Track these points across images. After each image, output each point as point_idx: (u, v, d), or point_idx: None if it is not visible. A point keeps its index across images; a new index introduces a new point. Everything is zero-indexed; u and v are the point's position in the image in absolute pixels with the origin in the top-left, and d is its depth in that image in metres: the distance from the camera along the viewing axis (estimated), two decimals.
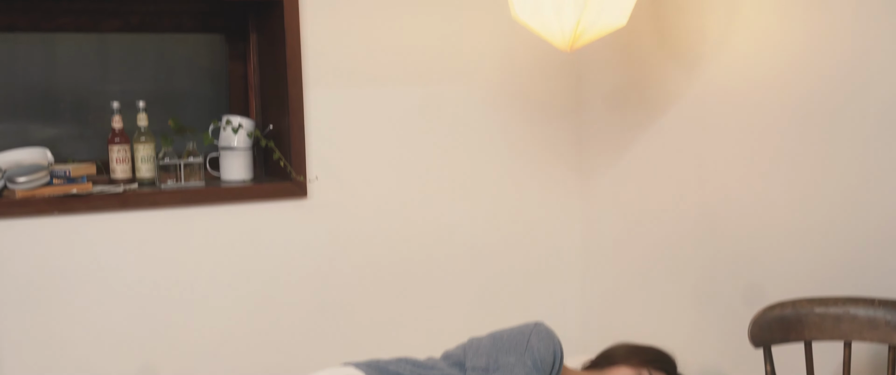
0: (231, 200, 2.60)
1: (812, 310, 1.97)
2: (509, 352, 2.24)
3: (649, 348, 2.55)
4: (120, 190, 2.47)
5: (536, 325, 2.35)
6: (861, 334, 1.92)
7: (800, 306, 1.99)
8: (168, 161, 2.57)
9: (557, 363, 2.30)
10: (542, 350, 2.27)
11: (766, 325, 2.02)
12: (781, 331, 2.01)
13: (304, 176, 2.66)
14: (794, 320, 1.99)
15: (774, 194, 2.36)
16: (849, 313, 1.93)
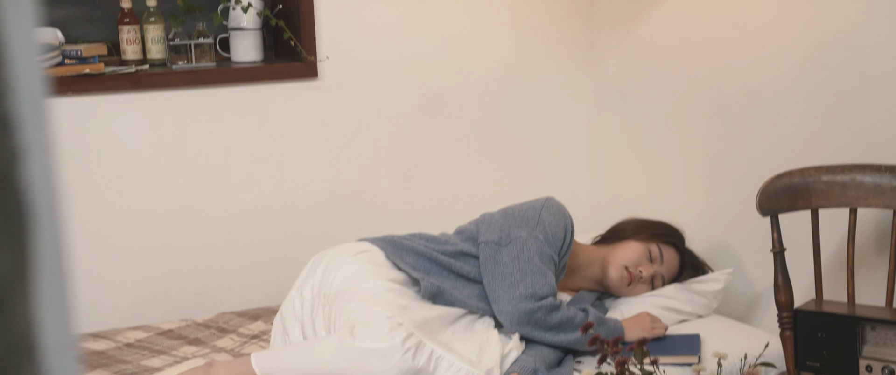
0: (242, 81, 2.63)
1: (819, 178, 2.01)
2: (521, 227, 2.30)
3: (658, 223, 2.60)
4: (132, 70, 2.49)
5: (547, 200, 2.40)
6: (867, 200, 1.96)
7: (807, 174, 2.03)
8: (178, 41, 2.58)
9: (568, 237, 2.36)
10: (553, 224, 2.33)
11: (774, 194, 2.06)
12: (789, 199, 2.05)
13: (314, 56, 2.67)
14: (802, 188, 2.03)
15: (782, 63, 2.38)
16: (855, 180, 1.96)
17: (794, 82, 2.36)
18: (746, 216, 2.41)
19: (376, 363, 1.88)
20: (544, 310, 2.16)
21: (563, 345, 2.20)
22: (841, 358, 1.86)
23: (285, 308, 2.21)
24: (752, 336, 2.32)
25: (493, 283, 2.20)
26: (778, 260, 2.09)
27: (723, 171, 2.64)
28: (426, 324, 2.02)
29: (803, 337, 1.92)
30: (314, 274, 2.19)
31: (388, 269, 2.16)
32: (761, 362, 2.04)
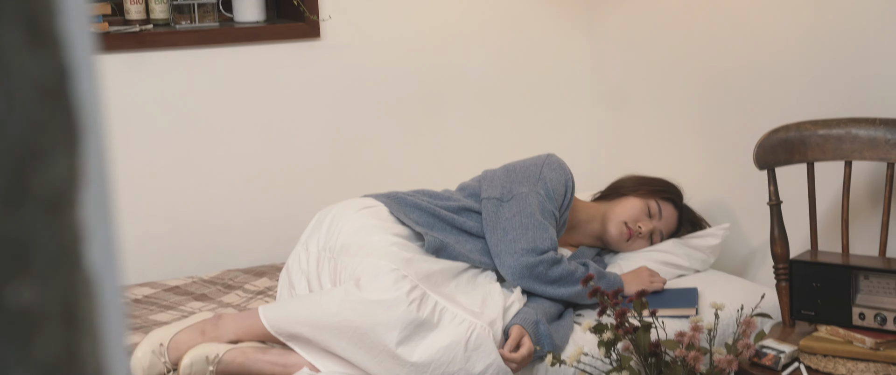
0: (245, 41, 2.65)
1: (815, 132, 2.05)
2: (522, 183, 2.33)
3: (656, 179, 2.63)
4: (136, 29, 2.52)
5: (548, 157, 2.43)
6: (861, 153, 2.00)
7: (803, 128, 2.06)
8: (181, 1, 2.60)
9: (569, 193, 2.40)
10: (554, 180, 2.36)
11: (771, 148, 2.10)
12: (785, 153, 2.09)
13: (317, 15, 2.69)
14: (798, 142, 2.06)
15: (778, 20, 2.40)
16: (850, 133, 2.00)
17: (790, 37, 2.39)
18: (743, 172, 2.44)
19: (382, 314, 1.92)
20: (545, 264, 2.20)
21: (563, 298, 2.24)
22: (835, 307, 1.91)
23: (291, 262, 2.25)
24: (748, 289, 2.36)
25: (495, 238, 2.24)
26: (774, 212, 2.13)
27: (720, 127, 2.67)
28: (430, 277, 2.06)
29: (799, 287, 1.96)
30: (319, 229, 2.23)
31: (393, 224, 2.20)
32: (757, 313, 2.09)
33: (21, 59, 0.37)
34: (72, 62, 0.40)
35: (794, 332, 2.04)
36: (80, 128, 0.40)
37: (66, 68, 0.40)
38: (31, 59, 0.38)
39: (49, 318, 0.40)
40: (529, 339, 2.07)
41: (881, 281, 1.87)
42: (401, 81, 2.88)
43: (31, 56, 0.38)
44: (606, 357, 2.02)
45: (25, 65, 0.38)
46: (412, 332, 1.94)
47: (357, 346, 1.93)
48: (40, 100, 0.38)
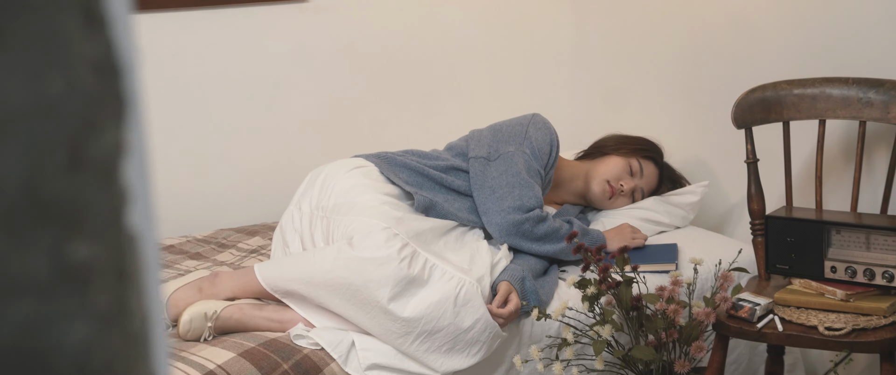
0: (235, 3, 2.66)
1: (790, 91, 2.09)
2: (509, 142, 2.37)
3: (637, 138, 2.66)
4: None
5: (534, 116, 2.47)
6: (835, 111, 2.05)
7: (779, 87, 2.11)
8: None
9: (554, 152, 2.43)
10: (539, 139, 2.40)
11: (748, 107, 2.14)
12: (762, 112, 2.13)
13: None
14: (774, 101, 2.11)
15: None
16: (824, 92, 2.05)
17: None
18: (722, 131, 2.49)
19: (374, 271, 1.97)
20: (531, 222, 2.24)
21: (548, 255, 2.29)
22: (808, 260, 1.97)
23: (284, 221, 2.28)
24: (726, 245, 2.42)
25: (482, 196, 2.28)
26: (751, 170, 2.18)
27: (699, 87, 2.71)
28: (420, 235, 2.10)
29: (774, 242, 2.02)
30: (312, 188, 2.26)
31: (383, 183, 2.24)
32: (734, 267, 2.15)
33: (79, 41, 0.41)
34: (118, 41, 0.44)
35: (770, 285, 2.10)
36: (126, 102, 0.44)
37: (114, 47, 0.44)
38: (86, 42, 0.42)
39: (103, 272, 0.45)
40: (516, 295, 2.11)
41: (852, 236, 1.93)
42: (387, 44, 2.91)
43: (87, 38, 0.42)
44: (590, 311, 2.07)
45: (82, 47, 0.41)
46: (403, 288, 1.98)
47: (350, 302, 1.98)
48: (94, 78, 0.42)
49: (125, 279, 0.46)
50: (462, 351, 2.02)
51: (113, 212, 0.45)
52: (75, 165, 0.43)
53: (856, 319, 1.87)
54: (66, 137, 0.42)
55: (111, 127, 0.44)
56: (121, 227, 0.46)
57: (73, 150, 0.42)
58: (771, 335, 1.90)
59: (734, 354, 2.35)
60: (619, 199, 2.55)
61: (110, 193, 0.45)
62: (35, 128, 0.41)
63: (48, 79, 0.41)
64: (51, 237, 0.42)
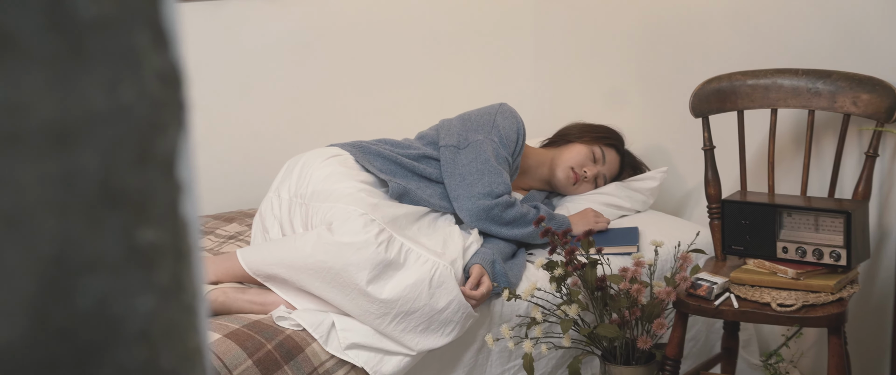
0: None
1: (744, 82, 2.18)
2: (477, 131, 2.42)
3: (600, 126, 2.72)
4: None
5: (501, 106, 2.53)
6: (786, 101, 2.14)
7: (734, 78, 2.19)
8: None
9: (520, 139, 2.49)
10: (506, 128, 2.46)
11: (705, 97, 2.23)
12: (718, 102, 2.22)
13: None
14: (729, 91, 2.20)
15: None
16: (776, 83, 2.14)
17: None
18: (680, 119, 2.57)
19: (352, 255, 2.02)
20: (500, 207, 2.30)
21: (517, 239, 2.35)
22: (761, 242, 2.05)
23: (264, 208, 2.33)
24: (684, 228, 2.50)
25: (453, 183, 2.34)
26: (708, 156, 2.26)
27: (659, 77, 2.78)
28: (395, 221, 2.16)
29: (729, 225, 2.10)
30: (290, 176, 2.30)
31: (358, 171, 2.29)
32: (693, 249, 2.23)
33: (149, 56, 0.48)
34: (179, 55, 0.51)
35: (726, 266, 2.19)
36: (185, 107, 0.51)
37: (176, 60, 0.50)
38: (154, 56, 0.48)
39: (164, 253, 0.51)
40: (488, 277, 2.17)
41: (802, 218, 2.02)
42: (358, 36, 2.94)
43: (155, 53, 0.48)
44: (557, 292, 2.14)
45: (151, 61, 0.48)
46: (381, 272, 2.03)
47: (330, 285, 2.03)
48: (160, 87, 0.49)
49: (181, 259, 0.53)
50: (437, 331, 2.08)
51: (172, 202, 0.52)
52: (143, 161, 0.49)
53: (806, 296, 1.95)
54: (137, 138, 0.48)
55: (172, 128, 0.50)
56: (177, 215, 0.52)
57: (142, 149, 0.49)
58: (727, 312, 1.99)
59: (692, 331, 2.43)
60: (583, 185, 2.62)
61: (170, 185, 0.51)
62: (111, 130, 0.48)
63: (122, 88, 0.47)
64: (123, 223, 0.49)
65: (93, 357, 0.50)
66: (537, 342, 2.13)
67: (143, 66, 0.47)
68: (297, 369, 1.98)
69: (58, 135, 0.46)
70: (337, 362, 2.03)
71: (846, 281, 1.98)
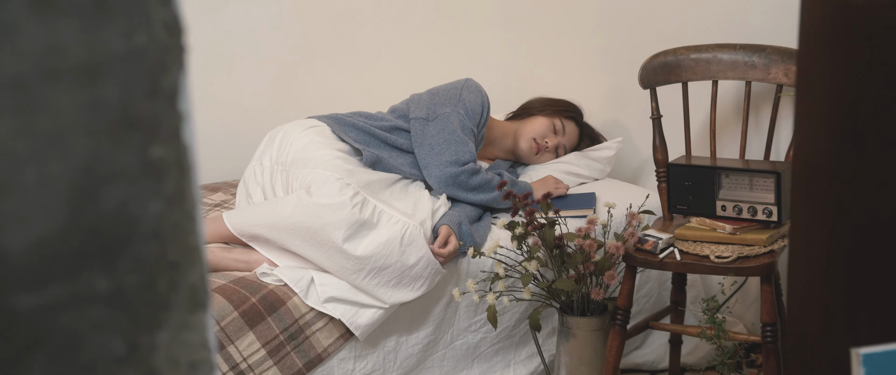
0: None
1: (688, 56, 2.31)
2: (445, 104, 2.53)
3: (560, 100, 2.83)
4: None
5: (467, 81, 2.63)
6: (725, 73, 2.27)
7: (679, 53, 2.32)
8: None
9: (485, 112, 2.60)
10: (471, 101, 2.56)
11: (652, 70, 2.35)
12: (664, 74, 2.34)
13: None
14: (674, 65, 2.32)
15: None
16: (716, 57, 2.27)
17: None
18: (633, 93, 2.68)
19: (330, 215, 2.13)
20: (466, 174, 2.41)
21: (482, 204, 2.46)
22: (702, 201, 2.18)
23: (247, 175, 2.43)
24: (637, 193, 2.61)
25: (422, 152, 2.44)
26: (656, 125, 2.39)
27: (614, 55, 2.90)
28: (369, 185, 2.27)
29: (674, 186, 2.23)
30: (271, 146, 2.41)
31: (335, 141, 2.39)
32: (643, 210, 2.36)
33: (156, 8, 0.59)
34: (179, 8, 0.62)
35: (672, 224, 2.32)
36: (185, 51, 0.63)
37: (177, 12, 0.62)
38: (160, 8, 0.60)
39: (170, 168, 0.63)
40: (455, 237, 2.29)
41: (739, 179, 2.15)
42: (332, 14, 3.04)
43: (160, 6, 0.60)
44: (518, 249, 2.26)
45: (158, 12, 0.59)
46: (356, 231, 2.14)
47: (309, 243, 2.14)
48: (166, 34, 0.60)
49: (183, 173, 0.64)
50: (407, 286, 2.20)
51: (175, 127, 0.63)
52: (154, 94, 0.61)
53: (741, 249, 2.09)
54: (148, 74, 0.60)
55: (175, 68, 0.62)
56: (180, 138, 0.64)
57: (153, 84, 0.60)
58: (671, 263, 2.12)
59: (645, 288, 2.56)
60: (545, 155, 2.73)
61: (174, 114, 0.63)
62: (128, 68, 0.59)
63: (137, 34, 0.59)
64: (138, 142, 0.60)
65: (115, 249, 0.61)
66: (500, 295, 2.25)
67: (152, 17, 0.59)
68: (279, 320, 2.09)
69: (87, 71, 0.58)
70: (316, 314, 2.14)
71: (777, 235, 2.12)
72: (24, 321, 0.59)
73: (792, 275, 1.10)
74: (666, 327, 2.28)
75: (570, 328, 2.26)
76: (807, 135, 1.06)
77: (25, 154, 0.57)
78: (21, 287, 0.59)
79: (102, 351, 0.62)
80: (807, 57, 1.04)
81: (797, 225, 1.08)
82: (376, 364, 2.24)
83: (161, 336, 0.65)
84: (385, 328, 2.25)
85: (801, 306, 1.11)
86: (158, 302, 0.64)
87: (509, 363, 2.45)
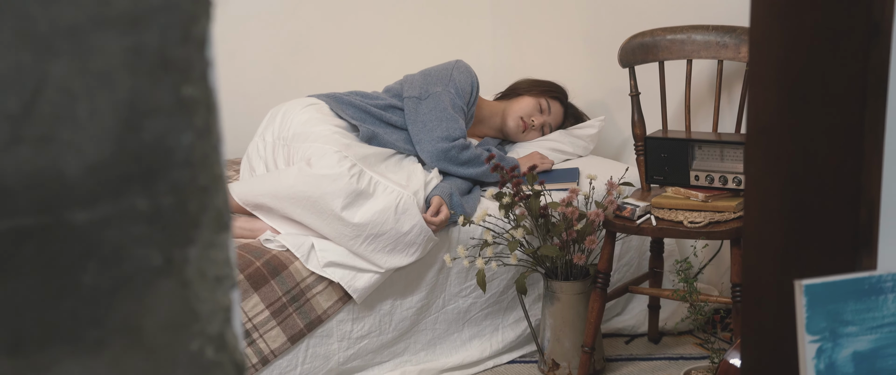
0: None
1: (664, 37, 2.40)
2: (436, 84, 2.61)
3: (546, 81, 2.91)
4: None
5: (457, 62, 2.71)
6: (699, 53, 2.36)
7: (656, 34, 2.41)
8: None
9: (474, 91, 2.68)
10: (462, 81, 2.65)
11: (631, 50, 2.44)
12: (642, 54, 2.43)
13: None
14: (651, 45, 2.41)
15: None
16: (690, 38, 2.36)
17: None
18: (615, 74, 2.77)
19: (329, 185, 2.21)
20: (457, 149, 2.50)
21: (471, 177, 2.54)
22: (677, 172, 2.27)
23: (250, 150, 2.51)
24: (618, 168, 2.69)
25: (415, 129, 2.53)
26: (634, 101, 2.48)
27: (597, 39, 2.98)
28: (365, 158, 2.35)
29: (651, 158, 2.32)
30: (273, 122, 2.49)
31: (333, 118, 2.47)
32: (622, 181, 2.45)
33: None
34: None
35: (650, 194, 2.41)
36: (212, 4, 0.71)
37: None
38: None
39: (199, 105, 0.72)
40: (446, 207, 2.38)
41: (711, 150, 2.24)
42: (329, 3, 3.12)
43: None
44: (506, 218, 2.35)
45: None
46: (353, 200, 2.23)
47: (310, 211, 2.22)
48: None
49: (210, 111, 0.73)
50: (402, 251, 2.28)
51: (203, 71, 0.72)
52: (185, 41, 0.69)
53: (712, 215, 2.18)
54: (181, 23, 0.69)
55: (203, 19, 0.71)
56: (207, 80, 0.73)
57: (185, 32, 0.69)
58: (647, 229, 2.21)
59: (626, 257, 2.65)
60: (531, 133, 2.81)
61: (202, 59, 0.72)
62: (163, 18, 0.68)
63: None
64: (173, 81, 0.69)
65: (154, 175, 0.70)
66: (488, 260, 2.34)
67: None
68: (282, 283, 2.18)
69: (131, 19, 0.66)
70: (316, 278, 2.23)
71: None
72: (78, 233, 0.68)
73: (747, 223, 1.20)
74: (643, 290, 2.38)
75: (554, 292, 2.35)
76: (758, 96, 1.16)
77: (80, 90, 0.66)
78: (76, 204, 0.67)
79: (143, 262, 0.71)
80: (757, 25, 1.13)
81: (751, 178, 1.18)
82: (373, 327, 2.33)
83: (192, 251, 0.73)
84: (381, 292, 2.34)
85: (756, 250, 1.20)
86: (190, 222, 0.73)
87: (498, 327, 2.55)
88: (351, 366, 2.32)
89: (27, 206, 0.67)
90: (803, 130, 1.12)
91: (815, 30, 1.08)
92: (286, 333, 2.17)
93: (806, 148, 1.13)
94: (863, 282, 1.05)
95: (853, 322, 1.05)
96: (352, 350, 2.30)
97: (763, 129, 1.15)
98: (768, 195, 1.16)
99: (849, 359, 1.05)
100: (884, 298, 1.05)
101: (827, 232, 1.10)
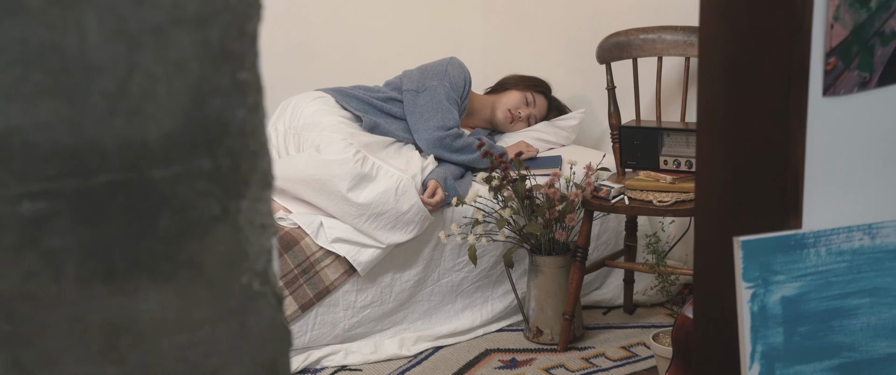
0: None
1: (637, 36, 2.55)
2: (433, 78, 2.75)
3: (532, 77, 3.03)
4: None
5: (451, 59, 2.85)
6: (668, 51, 2.51)
7: (630, 33, 2.56)
8: None
9: (467, 86, 2.82)
10: (456, 76, 2.79)
11: (608, 48, 2.59)
12: (617, 52, 2.58)
13: None
14: (626, 43, 2.56)
15: None
16: (661, 37, 2.51)
17: None
18: (594, 70, 2.91)
19: (336, 169, 2.35)
20: (451, 137, 2.64)
21: (464, 163, 2.67)
22: (648, 157, 2.42)
23: None
24: (597, 156, 2.82)
25: (413, 119, 2.67)
26: (610, 94, 2.63)
27: (576, 38, 3.10)
28: (368, 145, 2.49)
29: (625, 145, 2.47)
30: (284, 113, 2.63)
31: (339, 109, 2.62)
32: (600, 167, 2.60)
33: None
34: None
35: (624, 178, 2.56)
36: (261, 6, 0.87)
37: None
38: None
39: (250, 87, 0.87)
40: (441, 189, 2.53)
41: (678, 137, 2.40)
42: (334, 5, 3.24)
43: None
44: (495, 199, 2.50)
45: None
46: (358, 182, 2.37)
47: (319, 193, 2.36)
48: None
49: (259, 92, 0.89)
50: (401, 229, 2.43)
51: (254, 60, 0.88)
52: (241, 36, 0.85)
53: (679, 195, 2.33)
54: (238, 22, 0.84)
55: (255, 18, 0.86)
56: (256, 68, 0.88)
57: (241, 29, 0.85)
58: (621, 207, 2.36)
59: (604, 237, 2.80)
60: (518, 124, 2.95)
61: (253, 50, 0.87)
62: (224, 18, 0.83)
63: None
64: (231, 68, 0.85)
65: (215, 142, 0.85)
66: (479, 237, 2.49)
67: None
68: (294, 257, 2.33)
69: (200, 19, 0.82)
70: (325, 252, 2.38)
71: None
72: (157, 188, 0.83)
73: (699, 192, 1.36)
74: (619, 264, 2.53)
75: (538, 266, 2.50)
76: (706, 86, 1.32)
77: (160, 75, 0.81)
78: (155, 164, 0.83)
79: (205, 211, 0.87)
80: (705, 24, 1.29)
81: (702, 154, 1.34)
82: (375, 297, 2.48)
83: (243, 203, 0.89)
84: (382, 266, 2.48)
85: (704, 213, 1.36)
86: (242, 180, 0.88)
87: (487, 298, 2.69)
88: (355, 333, 2.46)
89: (118, 165, 0.82)
90: (742, 113, 1.28)
91: (748, 29, 1.24)
92: (297, 302, 2.31)
93: (744, 128, 1.29)
94: (790, 239, 1.21)
95: (781, 272, 1.21)
96: (356, 318, 2.44)
97: (709, 111, 1.31)
98: (715, 168, 1.33)
99: (777, 302, 1.22)
100: (807, 252, 1.21)
101: (761, 197, 1.26)
